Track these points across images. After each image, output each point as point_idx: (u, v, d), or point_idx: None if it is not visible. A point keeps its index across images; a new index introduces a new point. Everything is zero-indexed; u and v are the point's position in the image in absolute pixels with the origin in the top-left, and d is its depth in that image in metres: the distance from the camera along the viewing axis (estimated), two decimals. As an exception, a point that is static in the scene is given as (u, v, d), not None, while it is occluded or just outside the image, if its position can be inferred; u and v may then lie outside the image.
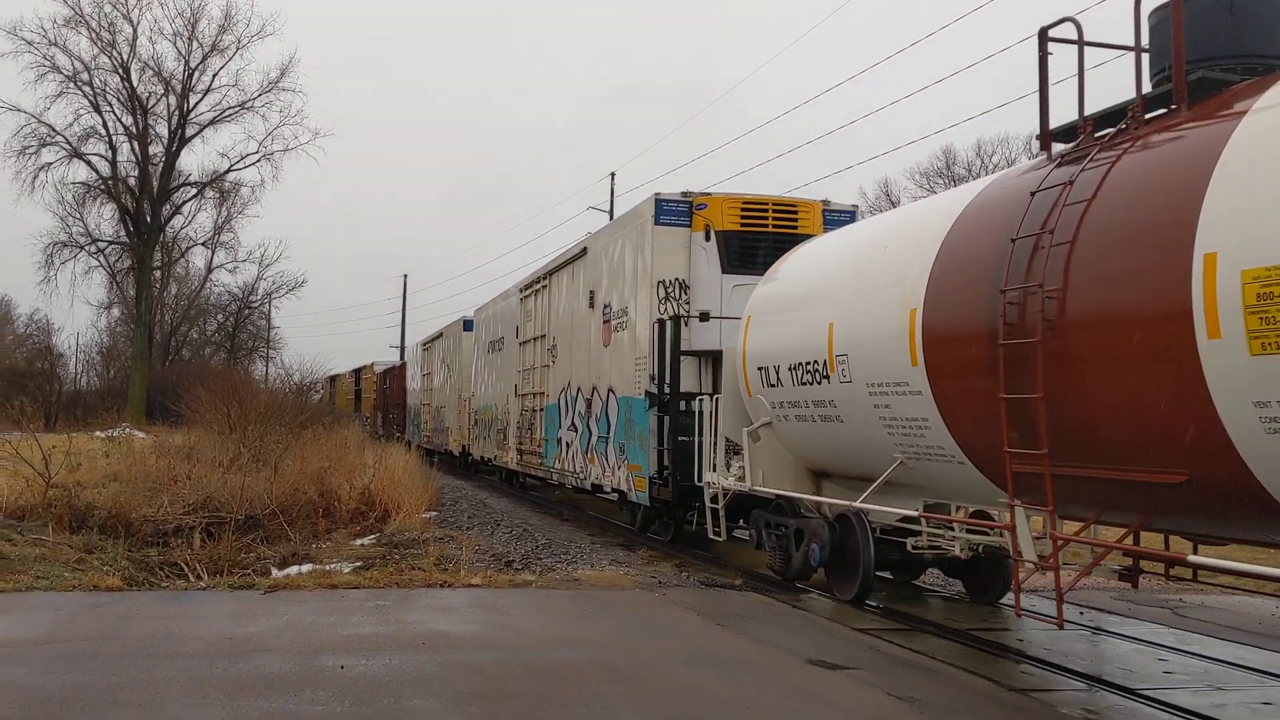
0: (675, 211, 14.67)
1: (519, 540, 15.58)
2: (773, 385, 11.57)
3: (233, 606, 9.66)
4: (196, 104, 57.14)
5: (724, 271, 14.46)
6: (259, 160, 58.24)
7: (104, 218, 58.21)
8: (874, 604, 10.89)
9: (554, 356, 19.98)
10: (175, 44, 57.33)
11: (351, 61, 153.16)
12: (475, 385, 29.12)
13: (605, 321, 16.69)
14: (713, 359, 14.01)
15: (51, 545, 12.44)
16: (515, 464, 23.53)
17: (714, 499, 12.70)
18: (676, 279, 14.56)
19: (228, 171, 58.70)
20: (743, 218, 14.63)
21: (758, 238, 14.57)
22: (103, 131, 56.01)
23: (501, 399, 25.01)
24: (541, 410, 20.76)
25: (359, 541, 14.41)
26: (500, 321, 25.83)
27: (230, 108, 57.28)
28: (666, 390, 14.01)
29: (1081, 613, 10.76)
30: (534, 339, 21.73)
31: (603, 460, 16.63)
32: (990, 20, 65.53)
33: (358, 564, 12.39)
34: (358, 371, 62.77)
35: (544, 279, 21.05)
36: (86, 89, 55.02)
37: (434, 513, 18.08)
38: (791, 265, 12.23)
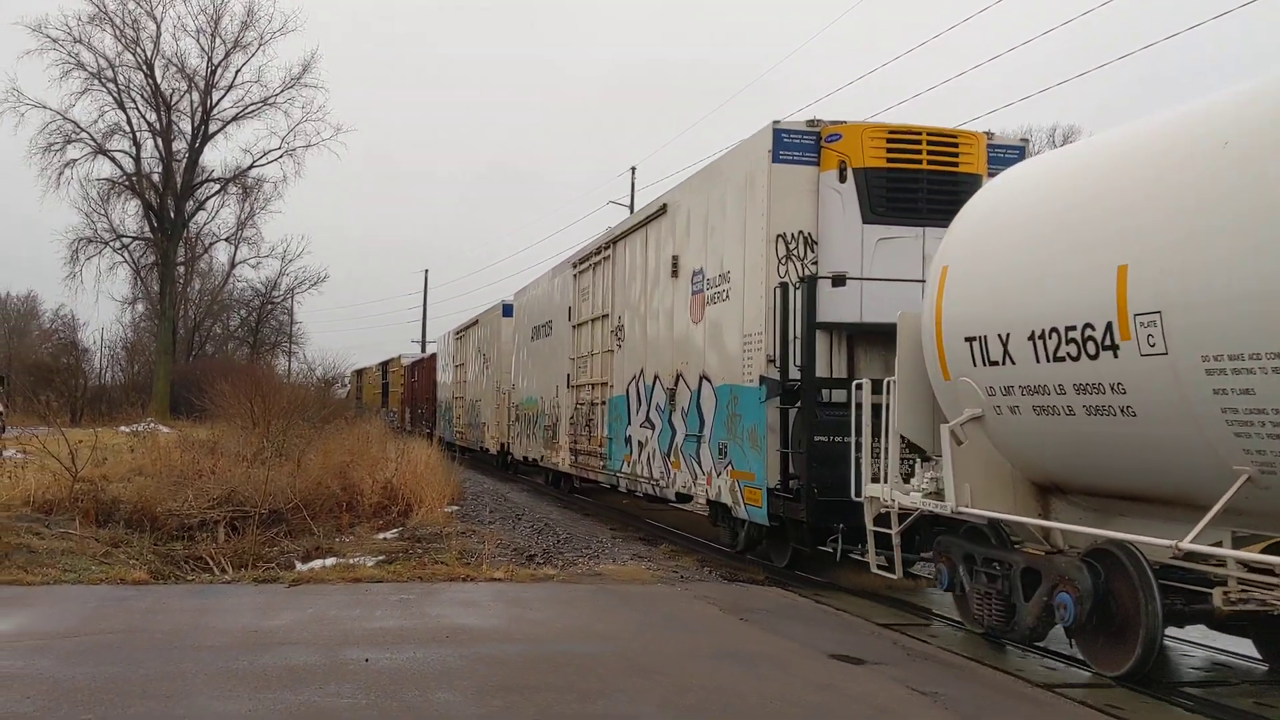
0: (799, 145, 11.76)
1: (540, 534, 15.62)
2: (994, 363, 8.27)
3: (257, 600, 9.74)
4: (219, 100, 57.49)
5: (865, 221, 11.55)
6: (281, 156, 58.69)
7: (128, 214, 58.73)
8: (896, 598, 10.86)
9: (620, 340, 17.08)
10: (198, 40, 57.59)
11: (372, 55, 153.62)
12: (516, 376, 26.32)
13: (696, 293, 13.76)
14: (848, 335, 11.52)
15: (79, 539, 12.55)
16: (568, 465, 20.52)
17: (880, 521, 9.72)
18: (800, 232, 11.69)
19: (250, 167, 59.04)
20: (889, 152, 11.60)
21: (911, 178, 11.62)
22: (127, 128, 56.44)
23: (549, 391, 22.23)
24: (604, 404, 17.86)
25: (381, 535, 14.47)
26: (547, 303, 22.76)
27: (253, 104, 57.61)
28: (794, 376, 11.16)
29: None
30: (593, 320, 18.69)
31: (692, 464, 13.84)
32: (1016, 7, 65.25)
33: (380, 558, 12.46)
34: (385, 365, 59.72)
35: (605, 249, 18.00)
36: (111, 86, 55.44)
37: (456, 507, 18.14)
38: (1021, 187, 8.74)
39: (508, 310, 28.14)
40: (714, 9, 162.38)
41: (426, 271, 77.61)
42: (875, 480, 9.64)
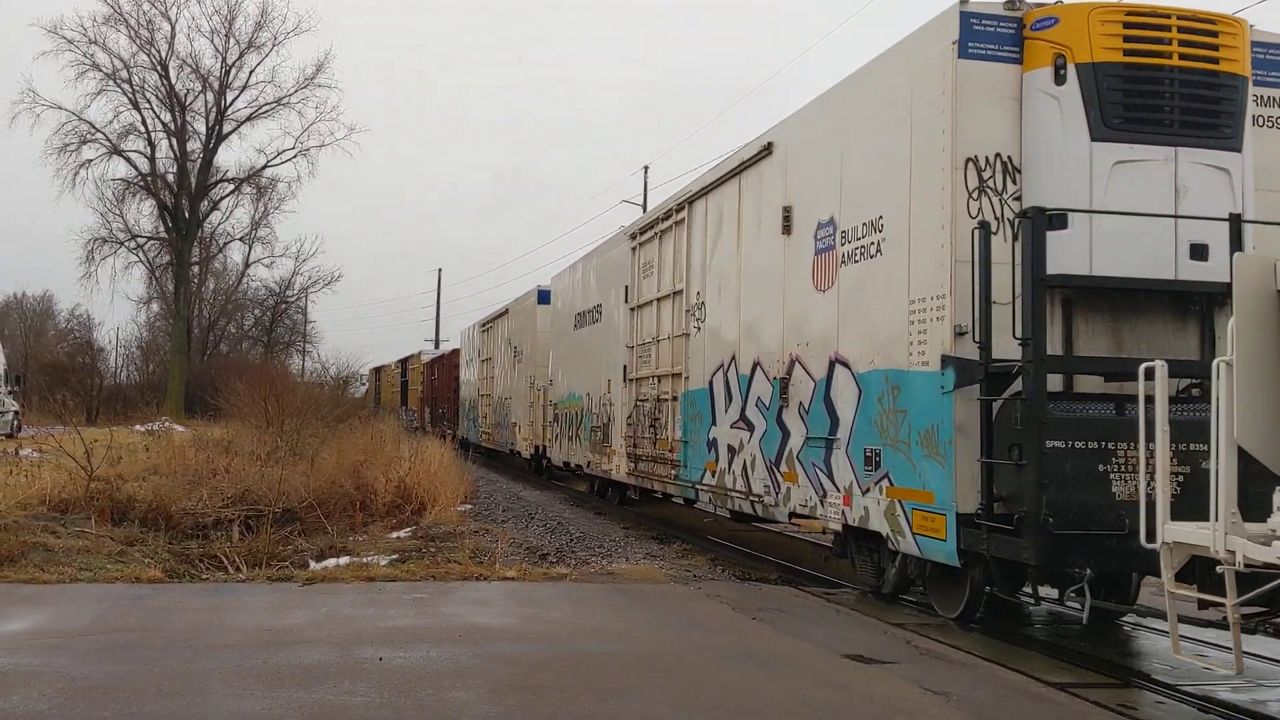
0: (993, 35, 8.76)
1: (553, 533, 15.64)
2: None
3: (272, 599, 9.78)
4: (233, 101, 57.71)
5: (1095, 137, 8.52)
6: (295, 156, 58.77)
7: (143, 214, 59.00)
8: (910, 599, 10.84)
9: (699, 321, 14.08)
10: (213, 41, 57.80)
11: (391, 56, 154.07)
12: (555, 371, 23.47)
13: (822, 251, 10.65)
14: (1064, 297, 8.54)
15: (94, 537, 12.63)
16: (625, 474, 17.54)
17: (1186, 575, 6.58)
18: (997, 156, 8.67)
19: (264, 167, 59.23)
20: (1127, 41, 8.59)
21: (1157, 77, 8.63)
22: (141, 128, 56.70)
23: (597, 386, 19.24)
24: (674, 399, 14.94)
25: (395, 534, 14.52)
26: (594, 285, 19.87)
27: (267, 104, 57.80)
28: (1001, 355, 8.14)
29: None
30: (659, 299, 15.76)
31: (817, 477, 10.68)
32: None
33: (394, 556, 12.50)
34: (404, 362, 56.98)
35: (677, 211, 15.04)
36: (126, 86, 55.70)
37: (469, 506, 18.18)
38: None
39: (544, 297, 24.98)
40: (726, 25, 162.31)
41: (440, 271, 77.84)
42: (1180, 518, 6.48)
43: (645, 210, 37.25)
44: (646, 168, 57.35)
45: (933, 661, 7.91)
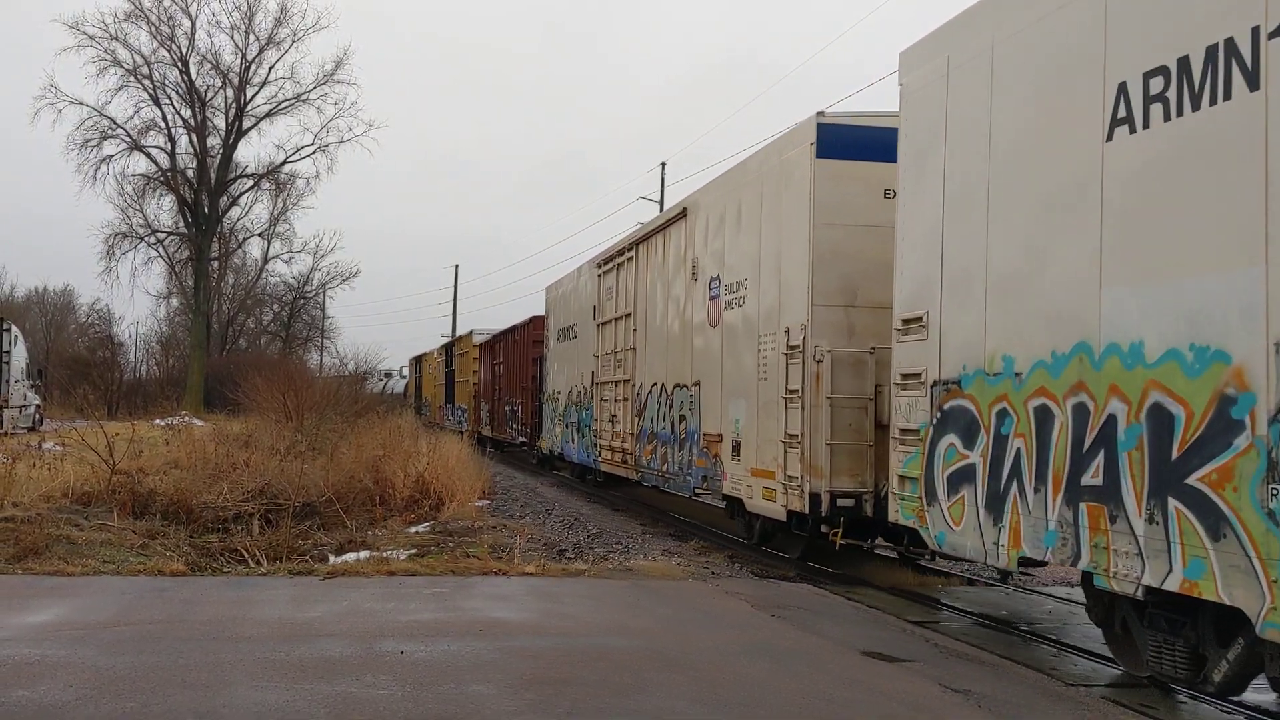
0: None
1: (571, 529, 15.67)
2: None
3: (293, 592, 9.84)
4: (253, 97, 58.03)
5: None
6: (314, 152, 59.08)
7: (163, 209, 59.42)
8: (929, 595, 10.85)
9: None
10: (232, 37, 58.15)
11: (418, 53, 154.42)
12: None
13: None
14: None
15: (116, 530, 12.71)
16: None
17: None
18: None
19: (283, 163, 59.54)
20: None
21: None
22: (162, 124, 57.13)
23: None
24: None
25: (414, 529, 14.57)
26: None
27: (286, 100, 58.13)
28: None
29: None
30: None
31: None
32: None
33: (413, 551, 12.54)
34: (449, 347, 46.30)
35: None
36: (146, 82, 56.10)
37: (487, 501, 18.23)
38: None
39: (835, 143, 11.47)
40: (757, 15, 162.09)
41: (457, 267, 77.82)
42: None
43: (662, 208, 36.65)
44: (664, 164, 57.29)
45: (953, 660, 7.90)
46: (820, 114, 11.32)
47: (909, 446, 9.32)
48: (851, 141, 11.23)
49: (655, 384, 16.69)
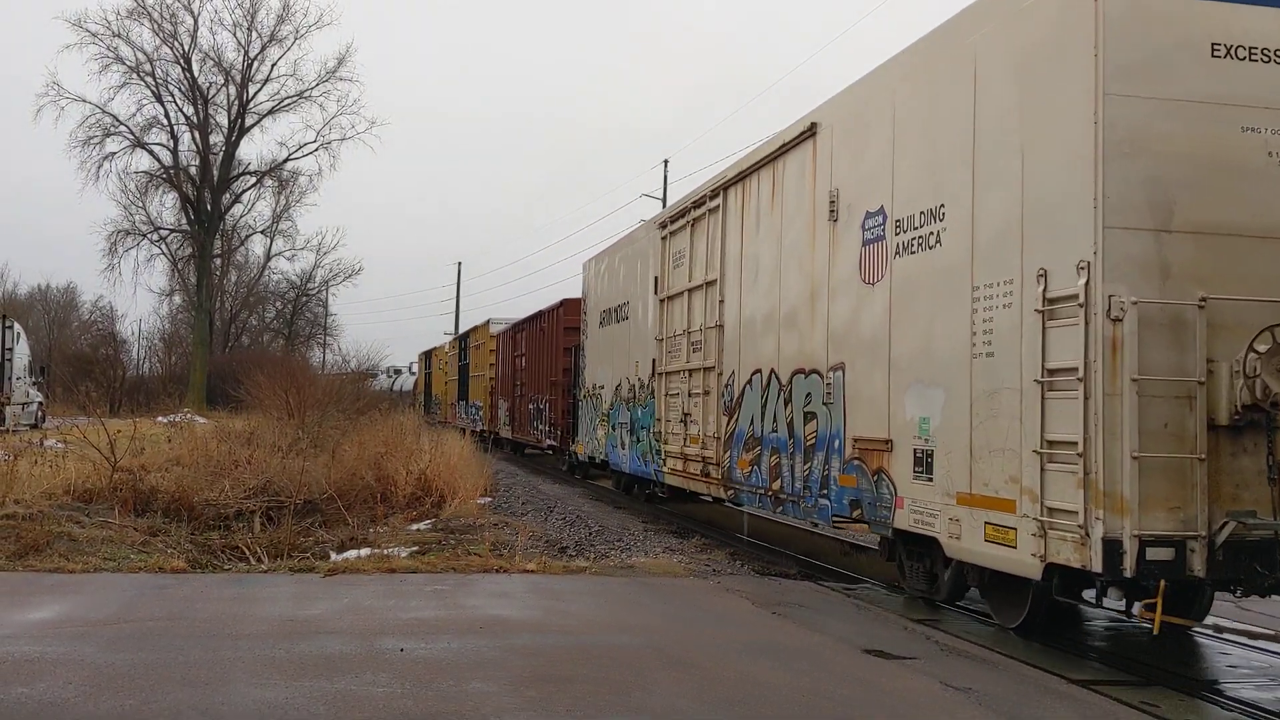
0: None
1: (572, 527, 15.66)
2: None
3: (294, 589, 9.83)
4: (255, 94, 58.02)
5: None
6: (317, 149, 59.10)
7: (166, 206, 59.44)
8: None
9: None
10: (235, 34, 58.25)
11: (429, 52, 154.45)
12: None
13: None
14: None
15: (118, 528, 12.71)
16: None
17: None
18: None
19: (286, 160, 59.55)
20: None
21: None
22: (164, 121, 57.13)
23: None
24: None
25: (415, 526, 14.56)
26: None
27: (288, 97, 58.13)
28: None
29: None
30: None
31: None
32: None
33: (414, 549, 12.53)
34: (463, 339, 43.20)
35: None
36: (149, 80, 56.11)
37: (488, 499, 18.22)
38: None
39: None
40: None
41: (459, 264, 77.82)
42: None
43: (664, 205, 36.03)
44: (666, 161, 57.29)
45: (954, 658, 7.89)
46: None
47: None
48: None
49: (758, 371, 12.51)
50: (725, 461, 13.53)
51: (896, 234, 9.55)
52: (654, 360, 16.59)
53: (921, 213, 9.18)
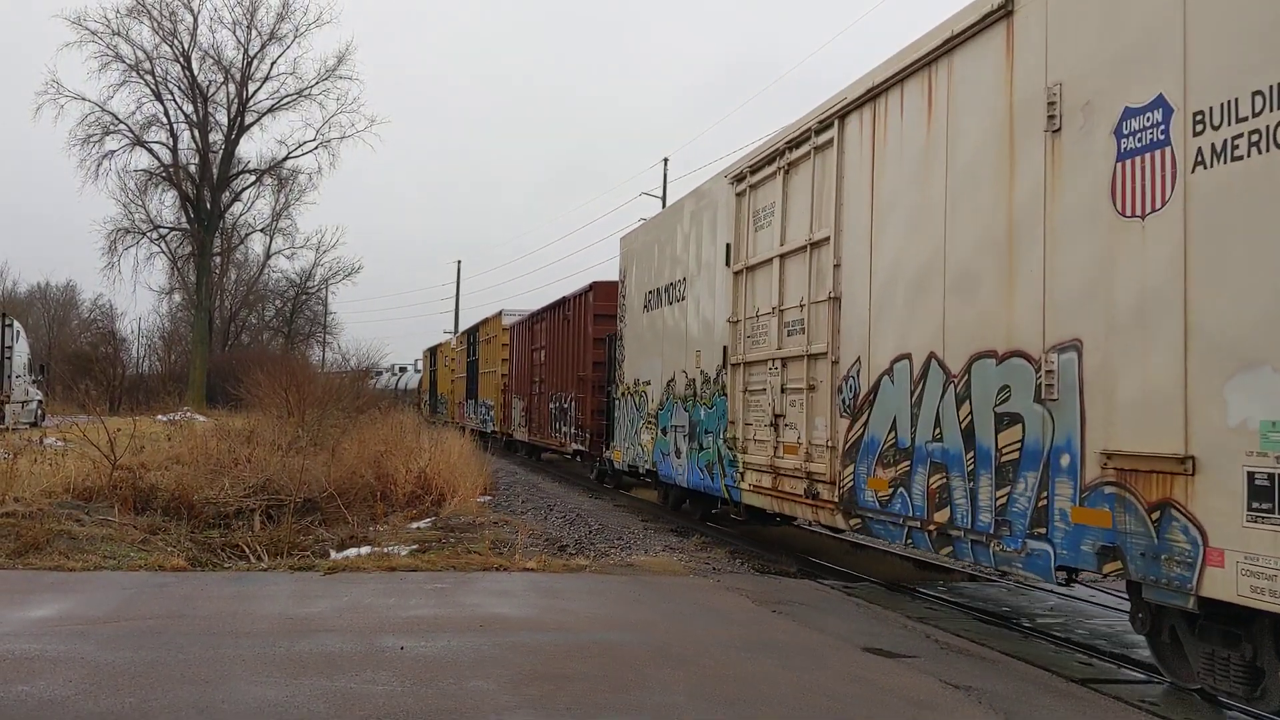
0: None
1: (572, 525, 15.66)
2: None
3: (293, 587, 9.83)
4: (255, 92, 58.09)
5: None
6: (316, 148, 59.18)
7: (165, 204, 59.53)
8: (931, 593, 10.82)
9: None
10: (234, 32, 58.29)
11: (437, 48, 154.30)
12: None
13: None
14: None
15: (118, 526, 12.71)
16: None
17: None
18: None
19: (286, 159, 59.64)
20: None
21: None
22: (164, 120, 57.20)
23: None
24: None
25: (415, 525, 14.56)
26: None
27: (288, 95, 58.20)
28: None
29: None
30: None
31: None
32: None
33: (414, 547, 12.53)
34: (473, 332, 39.29)
35: None
36: (148, 78, 56.17)
37: (488, 497, 18.22)
38: None
39: None
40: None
41: (459, 262, 77.80)
42: None
43: (664, 205, 35.57)
44: (666, 160, 57.30)
45: (954, 656, 7.89)
46: None
47: None
48: None
49: (904, 356, 9.28)
50: (846, 480, 10.33)
51: (1197, 133, 6.28)
52: (725, 348, 13.52)
53: (1258, 93, 5.86)
